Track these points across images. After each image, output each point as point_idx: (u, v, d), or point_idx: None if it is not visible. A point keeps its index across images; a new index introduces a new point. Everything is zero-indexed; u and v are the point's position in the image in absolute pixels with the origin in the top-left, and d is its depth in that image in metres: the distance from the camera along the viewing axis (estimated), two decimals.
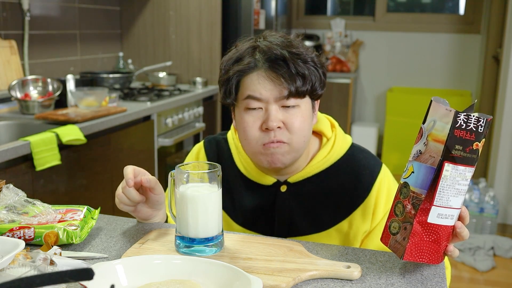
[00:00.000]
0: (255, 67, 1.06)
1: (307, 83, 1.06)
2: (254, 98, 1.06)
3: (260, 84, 1.06)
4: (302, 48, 1.07)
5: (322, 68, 1.09)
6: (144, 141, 2.57)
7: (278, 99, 1.06)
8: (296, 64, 1.04)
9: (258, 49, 1.08)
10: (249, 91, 1.07)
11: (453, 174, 0.83)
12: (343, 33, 4.50)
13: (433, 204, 0.83)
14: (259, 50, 1.07)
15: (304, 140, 1.10)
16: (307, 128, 1.10)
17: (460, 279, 2.80)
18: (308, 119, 1.10)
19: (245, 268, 0.87)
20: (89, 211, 1.07)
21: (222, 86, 1.11)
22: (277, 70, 1.05)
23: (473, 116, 0.81)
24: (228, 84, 1.09)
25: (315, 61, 1.08)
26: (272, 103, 1.06)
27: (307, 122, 1.10)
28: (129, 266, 0.81)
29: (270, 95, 1.05)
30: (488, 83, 3.91)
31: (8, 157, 1.70)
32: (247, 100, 1.07)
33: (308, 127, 1.10)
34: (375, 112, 4.71)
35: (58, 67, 2.92)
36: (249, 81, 1.07)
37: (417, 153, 0.86)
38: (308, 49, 1.09)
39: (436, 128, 0.84)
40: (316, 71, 1.07)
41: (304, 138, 1.10)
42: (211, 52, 3.37)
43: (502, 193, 3.43)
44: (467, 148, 0.82)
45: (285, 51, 1.05)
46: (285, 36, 1.10)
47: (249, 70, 1.07)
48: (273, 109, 1.06)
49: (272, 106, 1.06)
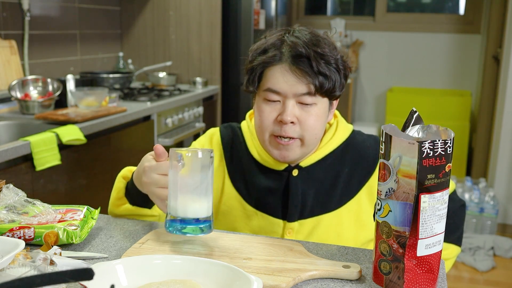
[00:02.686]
0: (279, 60, 1.09)
1: (327, 84, 1.08)
2: (273, 91, 1.10)
3: (281, 78, 1.09)
4: (327, 48, 1.09)
5: (344, 70, 1.12)
6: (144, 141, 2.57)
7: (296, 95, 1.09)
8: (318, 64, 1.07)
9: (284, 43, 1.10)
10: (269, 84, 1.10)
11: (431, 204, 0.80)
12: (343, 33, 4.50)
13: (419, 238, 0.81)
14: (286, 44, 1.10)
15: (315, 138, 1.14)
16: (320, 127, 1.13)
17: (460, 279, 2.80)
18: (322, 118, 1.13)
19: (245, 268, 0.87)
20: (89, 211, 1.07)
21: (246, 74, 1.16)
22: (300, 67, 1.07)
23: (438, 141, 0.78)
24: (252, 73, 1.13)
25: (338, 63, 1.10)
26: (290, 98, 1.09)
27: (321, 121, 1.13)
28: (129, 266, 0.81)
29: (289, 90, 1.09)
30: (488, 83, 3.91)
31: (8, 157, 1.70)
32: (267, 92, 1.11)
33: (321, 125, 1.14)
34: (375, 112, 4.71)
35: (58, 67, 2.92)
36: (271, 73, 1.10)
37: (390, 191, 0.83)
38: (335, 49, 1.11)
39: (403, 164, 0.80)
40: (337, 73, 1.10)
41: (316, 136, 1.14)
42: (211, 52, 3.37)
43: (502, 193, 3.43)
44: (440, 174, 0.80)
45: (310, 49, 1.07)
46: (314, 33, 1.12)
47: (273, 62, 1.10)
48: (290, 104, 1.09)
49: (290, 101, 1.09)
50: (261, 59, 1.11)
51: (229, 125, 1.31)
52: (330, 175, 1.20)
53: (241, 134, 1.27)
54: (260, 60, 1.11)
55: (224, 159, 1.25)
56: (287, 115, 1.09)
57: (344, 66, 1.12)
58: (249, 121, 1.27)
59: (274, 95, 1.10)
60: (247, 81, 1.15)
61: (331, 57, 1.08)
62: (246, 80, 1.16)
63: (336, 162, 1.21)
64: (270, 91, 1.10)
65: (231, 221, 1.23)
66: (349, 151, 1.21)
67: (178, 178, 0.91)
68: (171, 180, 0.92)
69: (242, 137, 1.26)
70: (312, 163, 1.20)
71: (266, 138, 1.14)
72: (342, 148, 1.21)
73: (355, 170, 1.20)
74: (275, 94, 1.10)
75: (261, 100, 1.13)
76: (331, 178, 1.20)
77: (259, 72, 1.12)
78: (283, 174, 1.20)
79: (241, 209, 1.22)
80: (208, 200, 0.93)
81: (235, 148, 1.25)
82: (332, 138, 1.21)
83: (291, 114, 1.09)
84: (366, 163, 1.20)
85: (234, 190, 1.23)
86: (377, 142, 1.22)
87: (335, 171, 1.20)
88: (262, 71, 1.12)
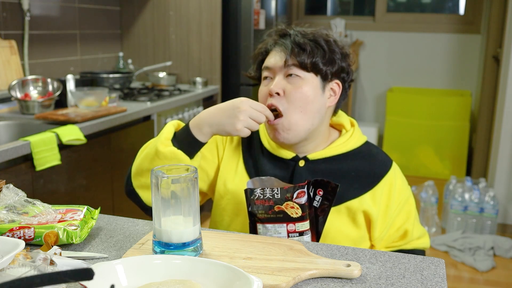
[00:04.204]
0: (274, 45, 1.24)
1: (307, 56, 1.18)
2: (266, 68, 1.24)
3: (272, 57, 1.23)
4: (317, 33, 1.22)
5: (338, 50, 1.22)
6: (144, 141, 2.55)
7: (282, 68, 1.20)
8: (297, 37, 1.20)
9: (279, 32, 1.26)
10: (264, 64, 1.25)
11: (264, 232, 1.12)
12: (343, 33, 4.50)
13: None
14: (281, 35, 1.25)
15: (302, 113, 1.19)
16: (307, 104, 1.19)
17: (460, 279, 2.80)
18: (312, 96, 1.19)
19: (245, 268, 0.87)
20: (89, 211, 1.07)
21: (252, 64, 1.31)
22: (284, 43, 1.21)
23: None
24: (256, 61, 1.29)
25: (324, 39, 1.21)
26: (278, 73, 1.21)
27: (309, 97, 1.19)
28: (129, 266, 0.81)
29: (275, 64, 1.21)
30: (488, 83, 3.91)
31: (8, 157, 1.70)
32: (263, 72, 1.25)
33: (309, 102, 1.19)
34: (375, 112, 4.71)
35: (58, 67, 2.92)
36: (267, 58, 1.25)
37: None
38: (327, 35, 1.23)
39: None
40: (321, 49, 1.19)
41: (302, 112, 1.18)
42: (211, 52, 3.37)
43: (502, 193, 3.43)
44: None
45: (295, 31, 1.23)
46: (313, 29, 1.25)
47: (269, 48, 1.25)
48: (277, 77, 1.21)
49: (278, 76, 1.21)
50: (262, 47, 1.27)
51: None
52: (336, 174, 1.24)
53: None
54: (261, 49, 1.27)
55: (241, 144, 1.32)
56: (274, 85, 1.19)
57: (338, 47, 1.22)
58: None
59: (266, 71, 1.24)
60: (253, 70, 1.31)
61: (316, 35, 1.21)
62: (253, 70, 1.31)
63: (344, 164, 1.25)
64: (264, 69, 1.24)
65: (237, 202, 1.26)
66: (360, 158, 1.26)
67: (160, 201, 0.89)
68: (154, 202, 0.90)
69: None
70: (320, 158, 1.25)
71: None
72: (353, 154, 1.26)
73: (361, 177, 1.24)
74: (266, 71, 1.24)
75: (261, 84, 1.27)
76: (336, 176, 1.23)
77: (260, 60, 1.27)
78: (290, 163, 1.26)
79: None
80: (195, 221, 0.91)
81: (251, 136, 1.32)
82: (345, 142, 1.27)
83: (278, 84, 1.19)
84: (374, 173, 1.25)
85: (246, 174, 1.28)
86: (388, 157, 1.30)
87: (341, 172, 1.24)
88: (262, 58, 1.27)
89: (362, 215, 1.23)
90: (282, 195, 1.10)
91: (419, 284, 0.86)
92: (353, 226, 1.23)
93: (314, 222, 1.14)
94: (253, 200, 1.11)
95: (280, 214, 1.10)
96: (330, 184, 1.11)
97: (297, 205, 1.09)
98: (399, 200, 1.25)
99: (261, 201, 1.11)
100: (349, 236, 1.22)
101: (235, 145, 1.32)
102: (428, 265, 0.93)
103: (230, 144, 1.32)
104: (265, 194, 1.10)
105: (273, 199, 1.10)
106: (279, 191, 1.10)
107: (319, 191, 1.12)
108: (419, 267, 0.92)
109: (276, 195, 1.10)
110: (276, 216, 1.11)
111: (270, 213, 1.10)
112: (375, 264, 0.93)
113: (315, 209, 1.14)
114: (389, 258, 0.95)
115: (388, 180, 1.24)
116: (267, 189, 1.10)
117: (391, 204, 1.24)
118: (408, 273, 0.90)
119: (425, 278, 0.88)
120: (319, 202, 1.13)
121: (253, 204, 1.12)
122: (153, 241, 0.92)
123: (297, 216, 1.10)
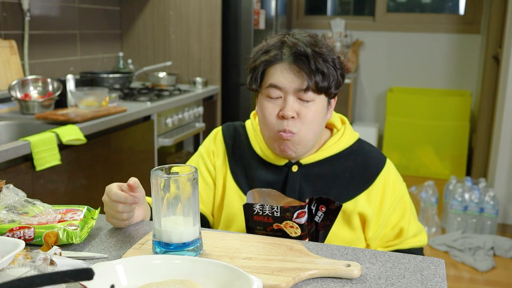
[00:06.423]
0: (280, 59, 1.16)
1: (325, 81, 1.15)
2: (275, 87, 1.16)
3: (283, 75, 1.16)
4: (325, 48, 1.17)
5: (341, 70, 1.19)
6: (144, 141, 2.57)
7: (297, 91, 1.16)
8: (317, 62, 1.14)
9: (285, 44, 1.17)
10: (272, 80, 1.17)
11: None
12: (343, 33, 4.50)
13: None
14: (286, 45, 1.17)
15: (313, 132, 1.19)
16: (318, 122, 1.19)
17: (460, 279, 2.80)
18: (321, 115, 1.19)
19: (245, 268, 0.87)
20: (89, 211, 1.07)
21: (249, 73, 1.22)
22: (300, 65, 1.14)
23: None
24: (255, 72, 1.20)
25: (335, 62, 1.17)
26: (290, 94, 1.16)
27: (320, 117, 1.18)
28: (129, 266, 0.81)
29: (289, 86, 1.16)
30: (488, 83, 3.91)
31: (8, 157, 1.70)
32: (269, 89, 1.17)
33: (319, 121, 1.19)
34: (375, 112, 4.71)
35: (58, 67, 2.92)
36: (273, 71, 1.17)
37: None
38: (331, 50, 1.18)
39: None
40: (334, 71, 1.17)
41: (314, 131, 1.18)
42: (211, 52, 3.37)
43: (502, 193, 3.43)
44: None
45: (309, 48, 1.15)
46: (312, 36, 1.20)
47: (274, 61, 1.17)
48: (290, 100, 1.16)
49: (290, 97, 1.16)
50: (263, 59, 1.18)
51: (232, 124, 1.37)
52: (329, 176, 1.24)
53: (244, 132, 1.33)
54: (262, 60, 1.18)
55: (226, 156, 1.31)
56: (288, 110, 1.15)
57: (341, 66, 1.19)
58: (253, 120, 1.34)
59: (275, 90, 1.17)
60: (250, 80, 1.22)
61: (328, 56, 1.16)
62: (249, 79, 1.22)
63: (337, 165, 1.25)
64: (272, 86, 1.17)
65: (231, 214, 1.26)
66: (353, 157, 1.25)
67: (160, 201, 0.89)
68: (154, 202, 0.91)
69: (244, 134, 1.33)
70: (313, 162, 1.24)
71: (271, 134, 1.19)
72: (346, 154, 1.26)
73: (355, 177, 1.23)
74: (276, 90, 1.17)
75: (264, 98, 1.20)
76: (330, 179, 1.23)
77: (261, 71, 1.19)
78: (283, 169, 1.25)
79: (241, 202, 1.26)
80: (195, 221, 0.92)
81: (237, 145, 1.31)
82: (337, 142, 1.26)
83: (292, 109, 1.15)
84: (368, 172, 1.24)
85: (235, 185, 1.27)
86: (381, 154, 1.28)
87: (335, 174, 1.24)
88: (264, 69, 1.19)
89: (357, 217, 1.22)
90: (281, 214, 1.05)
91: (419, 284, 0.86)
92: (348, 228, 1.23)
93: (315, 235, 1.12)
94: (252, 215, 1.08)
95: (279, 232, 1.07)
96: (333, 203, 1.09)
97: (296, 225, 1.06)
98: (393, 198, 1.24)
99: (260, 217, 1.07)
100: (344, 238, 1.22)
101: (221, 160, 1.31)
102: (428, 265, 0.93)
103: (218, 159, 1.31)
104: (264, 210, 1.06)
105: (272, 216, 1.06)
106: (278, 210, 1.05)
107: (322, 207, 1.10)
108: (419, 267, 0.92)
109: (276, 213, 1.06)
110: (275, 234, 1.07)
111: (269, 230, 1.08)
112: (375, 264, 0.93)
113: (316, 224, 1.11)
114: (389, 258, 0.95)
115: (383, 178, 1.24)
116: (266, 206, 1.06)
117: (385, 201, 1.23)
118: (408, 273, 0.90)
119: (425, 278, 0.88)
120: (321, 218, 1.10)
121: (252, 219, 1.08)
122: (153, 241, 0.93)
123: (296, 235, 1.07)
